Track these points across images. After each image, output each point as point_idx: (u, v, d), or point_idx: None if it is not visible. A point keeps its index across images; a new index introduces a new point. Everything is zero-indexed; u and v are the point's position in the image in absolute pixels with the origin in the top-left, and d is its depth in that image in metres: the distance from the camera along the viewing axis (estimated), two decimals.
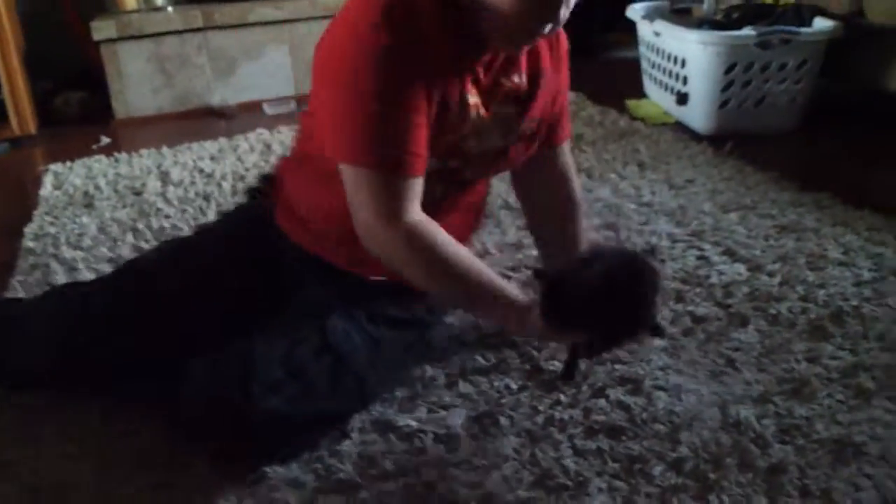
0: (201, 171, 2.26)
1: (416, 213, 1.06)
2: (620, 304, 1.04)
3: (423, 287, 1.13)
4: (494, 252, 1.67)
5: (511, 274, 1.57)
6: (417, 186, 1.06)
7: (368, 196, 1.04)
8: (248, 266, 1.22)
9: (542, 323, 1.05)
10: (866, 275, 1.50)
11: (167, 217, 1.93)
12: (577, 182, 1.35)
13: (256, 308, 1.17)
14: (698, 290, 1.48)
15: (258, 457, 1.07)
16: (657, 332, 1.20)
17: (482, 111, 1.12)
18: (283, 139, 2.49)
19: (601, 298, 1.02)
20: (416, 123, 1.03)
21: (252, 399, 1.03)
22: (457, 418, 1.16)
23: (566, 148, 1.32)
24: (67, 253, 1.74)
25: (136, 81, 2.88)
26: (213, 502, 1.02)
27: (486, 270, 1.10)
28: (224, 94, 2.96)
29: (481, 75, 1.11)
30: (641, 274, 1.07)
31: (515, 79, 1.15)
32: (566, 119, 1.30)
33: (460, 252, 1.09)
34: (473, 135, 1.14)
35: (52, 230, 1.88)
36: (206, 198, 2.06)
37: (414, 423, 1.15)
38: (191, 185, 2.15)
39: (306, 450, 1.09)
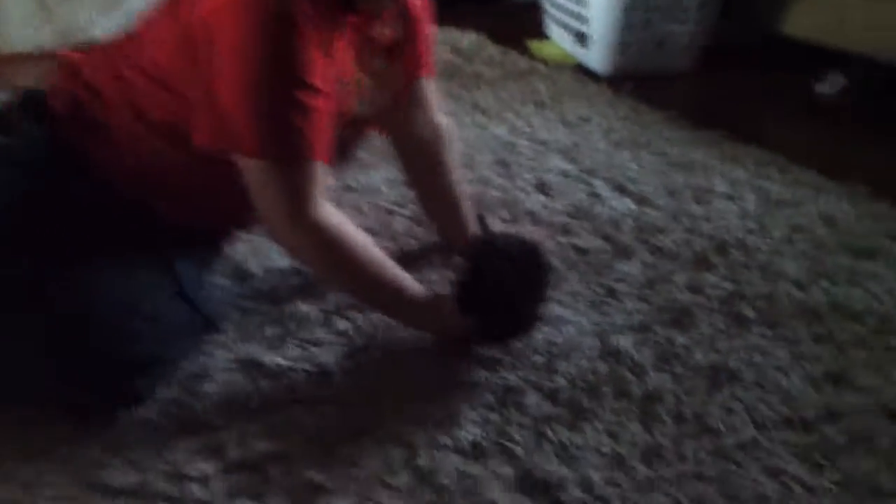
0: None
1: (322, 205, 0.99)
2: (530, 295, 1.09)
3: (331, 284, 1.16)
4: (383, 188, 1.60)
5: (396, 209, 1.51)
6: (323, 174, 0.99)
7: (274, 192, 0.97)
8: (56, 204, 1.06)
9: (456, 316, 1.07)
10: (752, 208, 1.50)
11: None
12: (444, 117, 1.30)
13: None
14: (585, 223, 1.45)
15: (106, 403, 0.99)
16: None
17: (363, 75, 1.07)
18: None
19: (515, 291, 1.06)
20: (316, 107, 0.96)
21: (111, 352, 0.95)
22: (330, 355, 1.10)
23: (430, 81, 1.27)
24: None
25: (12, 16, 2.68)
26: (57, 451, 0.93)
27: (395, 269, 1.07)
28: (109, 28, 2.78)
29: (351, 35, 1.03)
30: (544, 264, 1.12)
31: (385, 30, 1.09)
32: (429, 51, 1.23)
33: (369, 250, 1.04)
34: (362, 101, 1.09)
35: None
36: None
37: (283, 362, 1.08)
38: None
39: (154, 391, 1.02)
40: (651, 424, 0.97)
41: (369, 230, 1.15)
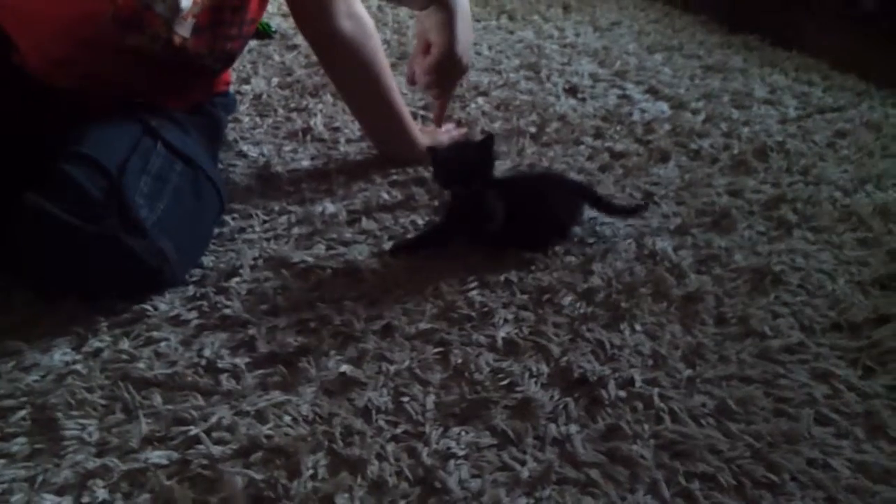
0: None
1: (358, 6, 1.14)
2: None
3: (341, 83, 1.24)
4: (407, 92, 1.55)
5: (424, 113, 1.46)
6: None
7: None
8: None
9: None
10: (792, 112, 1.44)
11: None
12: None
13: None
14: (618, 127, 1.40)
15: (133, 288, 0.97)
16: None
17: None
18: None
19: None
20: None
21: (129, 213, 0.91)
22: (357, 253, 1.07)
23: None
24: None
25: None
26: (87, 343, 0.90)
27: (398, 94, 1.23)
28: None
29: None
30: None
31: None
32: None
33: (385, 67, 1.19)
34: None
35: None
36: None
37: (311, 259, 1.06)
38: None
39: (184, 276, 1.00)
40: (692, 326, 0.94)
41: None
